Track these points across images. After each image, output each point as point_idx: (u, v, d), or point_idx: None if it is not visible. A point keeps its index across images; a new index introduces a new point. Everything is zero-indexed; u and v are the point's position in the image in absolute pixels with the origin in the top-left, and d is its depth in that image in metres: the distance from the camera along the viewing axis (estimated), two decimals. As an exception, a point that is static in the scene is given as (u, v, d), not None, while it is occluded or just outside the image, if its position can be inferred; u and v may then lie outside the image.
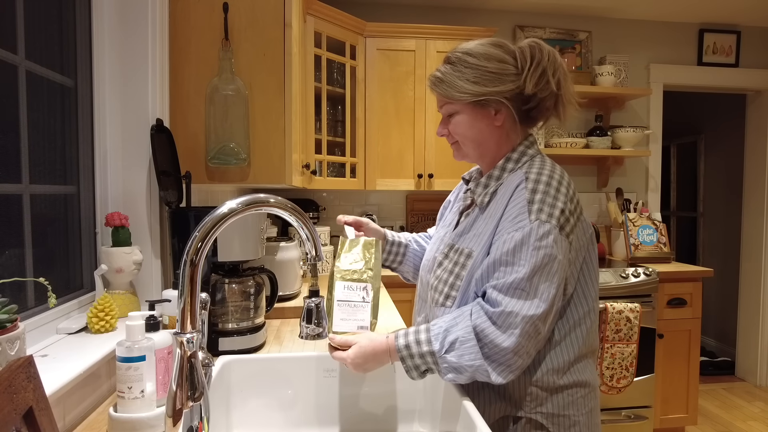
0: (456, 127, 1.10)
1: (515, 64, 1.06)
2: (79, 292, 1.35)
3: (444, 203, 1.36)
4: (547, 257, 0.94)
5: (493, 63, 1.05)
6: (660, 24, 3.54)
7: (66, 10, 1.31)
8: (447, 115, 1.12)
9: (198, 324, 0.72)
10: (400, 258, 1.39)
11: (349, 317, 1.12)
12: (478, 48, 1.07)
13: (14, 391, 0.64)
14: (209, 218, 0.73)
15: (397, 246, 1.38)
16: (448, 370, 0.95)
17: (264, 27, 1.65)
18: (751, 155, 3.79)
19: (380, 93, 2.87)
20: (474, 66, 1.05)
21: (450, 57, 1.09)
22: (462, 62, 1.07)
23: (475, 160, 1.15)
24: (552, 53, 1.06)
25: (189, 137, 1.63)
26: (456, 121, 1.10)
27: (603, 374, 2.65)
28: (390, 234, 1.39)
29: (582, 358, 1.05)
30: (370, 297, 1.14)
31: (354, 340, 1.03)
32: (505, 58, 1.06)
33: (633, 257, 3.10)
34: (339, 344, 1.05)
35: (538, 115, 1.11)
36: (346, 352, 1.03)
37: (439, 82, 1.09)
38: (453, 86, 1.07)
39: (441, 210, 1.37)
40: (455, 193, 1.32)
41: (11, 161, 1.08)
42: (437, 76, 1.10)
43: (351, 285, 1.14)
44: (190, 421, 0.70)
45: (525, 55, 1.05)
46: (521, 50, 1.06)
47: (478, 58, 1.06)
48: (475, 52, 1.06)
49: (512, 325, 0.92)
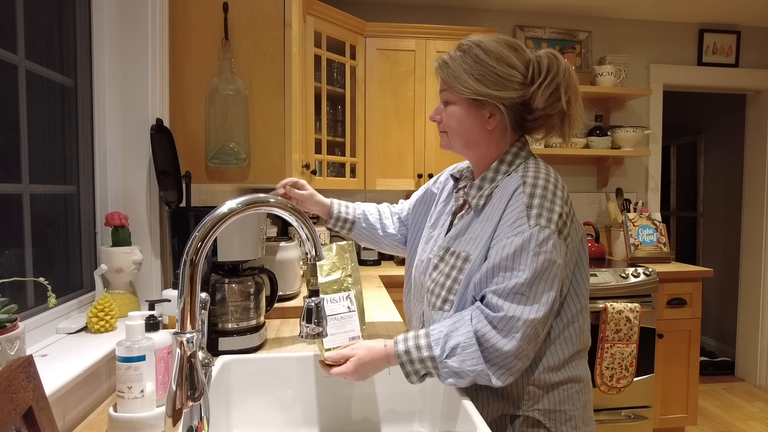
0: (449, 118, 1.10)
1: (525, 72, 1.03)
2: (79, 292, 1.35)
3: (423, 190, 1.36)
4: (548, 262, 0.95)
5: (502, 66, 1.03)
6: (660, 24, 3.54)
7: (66, 9, 1.31)
8: (444, 102, 1.11)
9: (198, 324, 0.72)
10: (345, 232, 1.41)
11: (339, 330, 1.11)
12: (492, 45, 1.04)
13: (14, 390, 0.64)
14: (209, 218, 0.73)
15: (342, 222, 1.39)
16: (448, 375, 0.96)
17: (264, 27, 1.65)
18: (751, 155, 3.79)
19: (380, 93, 2.87)
20: (482, 62, 1.03)
21: (462, 44, 1.07)
22: (472, 54, 1.04)
23: (460, 153, 1.14)
24: (568, 70, 1.03)
25: (189, 137, 1.63)
26: (450, 112, 1.09)
27: (603, 374, 2.65)
28: (336, 208, 1.38)
29: (576, 354, 1.06)
30: (354, 304, 1.14)
31: (351, 354, 1.03)
32: (516, 64, 1.03)
33: (633, 257, 3.10)
34: (336, 360, 1.05)
35: (539, 128, 1.09)
36: (345, 367, 1.03)
37: (446, 66, 1.08)
38: (456, 77, 1.05)
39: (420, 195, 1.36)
40: (440, 187, 1.30)
41: (11, 161, 1.08)
42: (445, 60, 1.08)
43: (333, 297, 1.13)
44: (190, 420, 0.70)
45: (541, 67, 1.02)
46: (538, 60, 1.03)
47: (488, 56, 1.03)
48: (488, 49, 1.04)
49: (514, 329, 0.93)
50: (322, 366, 1.08)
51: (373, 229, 1.41)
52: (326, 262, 1.17)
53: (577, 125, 1.07)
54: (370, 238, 1.42)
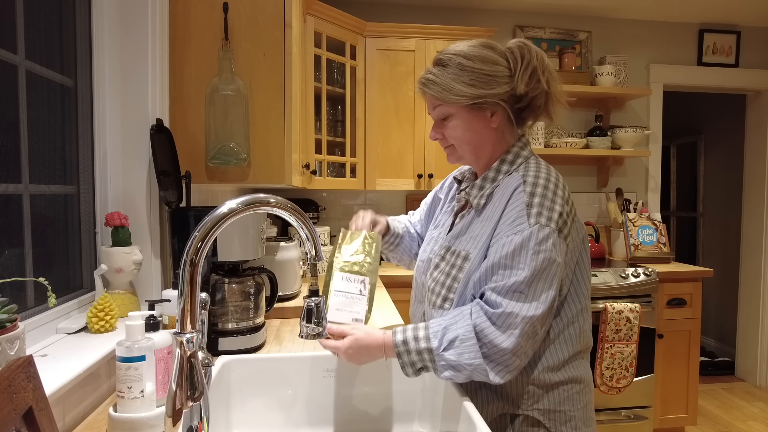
0: (452, 131, 1.10)
1: (507, 65, 1.06)
2: (79, 292, 1.35)
3: (431, 197, 1.37)
4: (547, 261, 0.95)
5: (488, 65, 1.05)
6: (660, 24, 3.54)
7: (66, 9, 1.31)
8: (440, 119, 1.11)
9: (198, 324, 0.72)
10: (392, 247, 1.41)
11: (345, 308, 1.12)
12: (471, 50, 1.06)
13: (14, 390, 0.64)
14: (209, 218, 0.73)
15: (394, 237, 1.39)
16: (445, 368, 0.96)
17: (264, 27, 1.65)
18: (751, 155, 3.79)
19: (380, 93, 2.87)
20: (470, 69, 1.05)
21: (441, 59, 1.08)
22: (456, 64, 1.06)
23: (470, 162, 1.15)
24: (539, 53, 1.07)
25: (189, 137, 1.63)
26: (452, 125, 1.09)
27: (603, 374, 2.65)
28: (392, 224, 1.39)
29: (576, 354, 1.06)
30: (367, 290, 1.14)
31: (350, 331, 1.04)
32: (498, 60, 1.06)
33: (633, 257, 3.10)
34: (334, 333, 1.05)
35: (529, 114, 1.11)
36: (340, 342, 1.03)
37: (432, 84, 1.07)
38: (449, 89, 1.05)
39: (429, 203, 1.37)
40: (445, 192, 1.31)
41: (11, 161, 1.08)
42: (429, 78, 1.08)
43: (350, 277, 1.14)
44: (190, 421, 0.70)
45: (516, 56, 1.06)
46: (511, 51, 1.06)
47: (473, 61, 1.05)
48: (470, 54, 1.06)
49: (512, 325, 0.93)
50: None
51: (414, 242, 1.41)
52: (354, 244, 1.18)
53: (560, 102, 1.10)
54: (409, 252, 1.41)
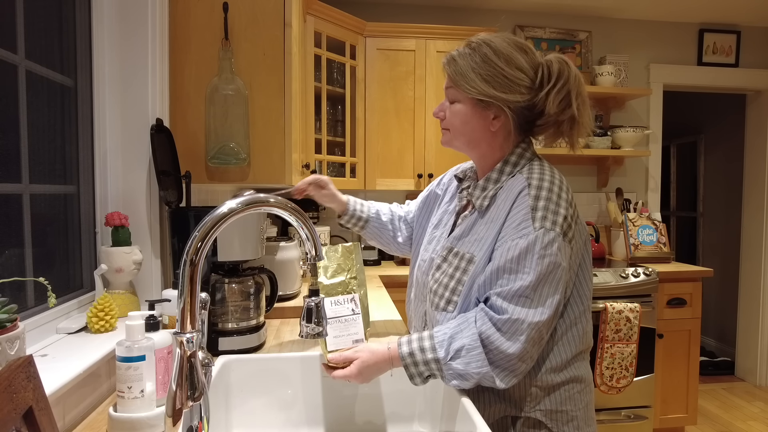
0: (453, 117, 1.09)
1: (533, 77, 1.02)
2: (79, 292, 1.35)
3: (427, 192, 1.37)
4: (552, 265, 0.94)
5: (511, 68, 1.02)
6: (660, 24, 3.54)
7: (66, 9, 1.31)
8: (449, 100, 1.10)
9: (198, 324, 0.72)
10: (358, 229, 1.44)
11: (342, 333, 1.10)
12: (502, 45, 1.03)
13: (14, 390, 0.64)
14: (209, 218, 0.73)
15: (357, 219, 1.42)
16: (452, 377, 0.95)
17: (264, 27, 1.65)
18: (751, 155, 3.79)
19: (380, 93, 2.87)
20: (491, 62, 1.02)
21: (472, 42, 1.06)
22: (481, 53, 1.03)
23: (461, 150, 1.14)
24: (578, 76, 1.03)
25: (189, 137, 1.63)
26: (455, 110, 1.08)
27: (603, 374, 2.65)
28: (352, 205, 1.42)
29: (578, 355, 1.06)
30: (359, 306, 1.13)
31: (354, 356, 1.03)
32: (524, 68, 1.02)
33: (633, 257, 3.10)
34: (339, 363, 1.04)
35: (544, 132, 1.09)
36: (349, 370, 1.02)
37: (453, 62, 1.06)
38: (464, 75, 1.04)
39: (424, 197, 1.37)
40: (443, 188, 1.30)
41: (11, 161, 1.08)
42: (453, 55, 1.07)
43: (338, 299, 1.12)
44: (190, 420, 0.70)
45: (551, 72, 1.01)
46: (548, 65, 1.02)
47: (497, 56, 1.02)
48: (497, 49, 1.03)
49: (518, 331, 0.93)
50: (325, 368, 1.07)
51: (385, 229, 1.44)
52: (332, 264, 1.17)
53: (585, 132, 1.06)
54: (379, 238, 1.44)
